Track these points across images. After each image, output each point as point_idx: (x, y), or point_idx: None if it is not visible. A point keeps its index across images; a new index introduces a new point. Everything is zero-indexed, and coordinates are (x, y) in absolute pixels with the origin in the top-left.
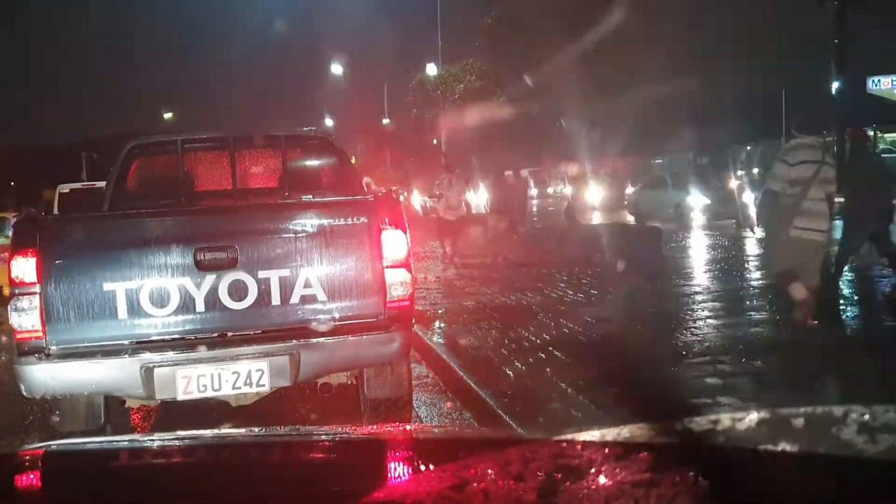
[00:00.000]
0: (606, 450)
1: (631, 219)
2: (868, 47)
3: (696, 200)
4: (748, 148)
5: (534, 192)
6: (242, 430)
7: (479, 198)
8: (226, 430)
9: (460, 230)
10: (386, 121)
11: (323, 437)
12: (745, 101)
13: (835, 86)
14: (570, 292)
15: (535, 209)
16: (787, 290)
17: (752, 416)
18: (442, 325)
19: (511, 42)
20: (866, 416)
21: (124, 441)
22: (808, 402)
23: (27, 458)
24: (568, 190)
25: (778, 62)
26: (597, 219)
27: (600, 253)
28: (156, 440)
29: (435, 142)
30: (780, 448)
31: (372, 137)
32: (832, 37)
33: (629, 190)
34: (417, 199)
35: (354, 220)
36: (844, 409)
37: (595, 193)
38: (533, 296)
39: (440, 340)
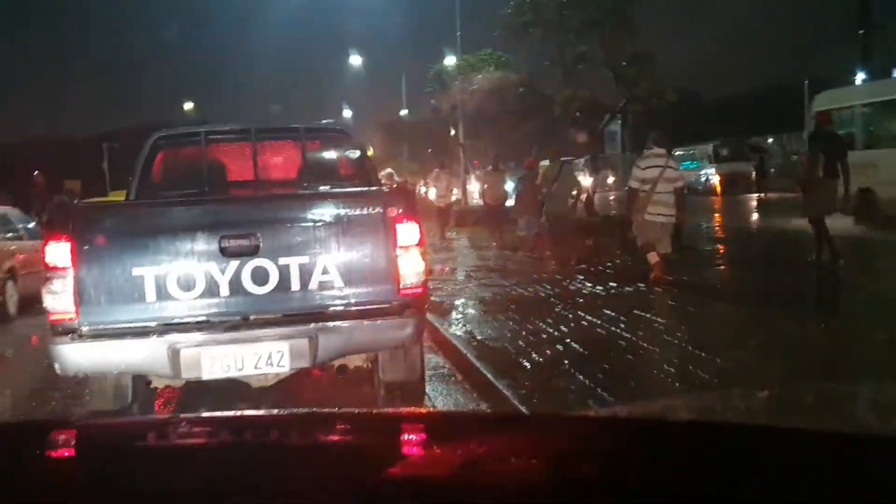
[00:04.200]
0: (616, 428)
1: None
2: (894, 39)
3: None
4: (770, 140)
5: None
6: (262, 412)
7: (495, 189)
8: (247, 412)
9: (449, 215)
10: (404, 112)
11: (338, 418)
12: (766, 91)
13: (859, 77)
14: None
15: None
16: (645, 258)
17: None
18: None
19: (531, 32)
20: None
21: (150, 420)
22: None
23: (58, 434)
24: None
25: (802, 53)
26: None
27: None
28: (181, 420)
29: (452, 132)
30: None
31: (389, 129)
32: (857, 28)
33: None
34: (433, 192)
35: (370, 210)
36: None
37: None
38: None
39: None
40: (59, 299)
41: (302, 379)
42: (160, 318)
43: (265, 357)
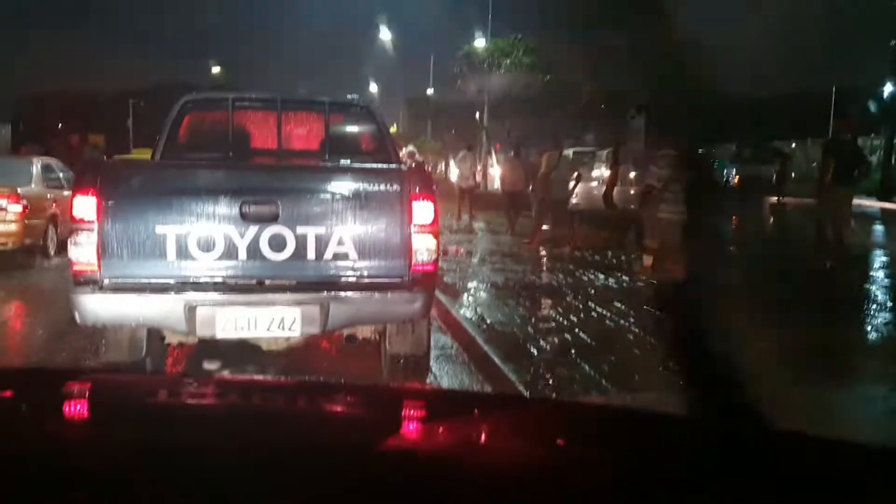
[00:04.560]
0: (612, 414)
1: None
2: None
3: None
4: (793, 145)
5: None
6: (268, 377)
7: (514, 175)
8: (254, 376)
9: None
10: (430, 91)
11: (343, 388)
12: (794, 96)
13: (888, 88)
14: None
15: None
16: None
17: None
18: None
19: (561, 20)
20: None
21: (158, 378)
22: None
23: (72, 386)
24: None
25: (831, 60)
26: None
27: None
28: (188, 379)
29: (477, 115)
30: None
31: (414, 106)
32: (890, 37)
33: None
34: (455, 173)
35: (388, 187)
36: None
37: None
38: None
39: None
40: (82, 251)
41: (311, 348)
42: (179, 276)
43: (277, 320)
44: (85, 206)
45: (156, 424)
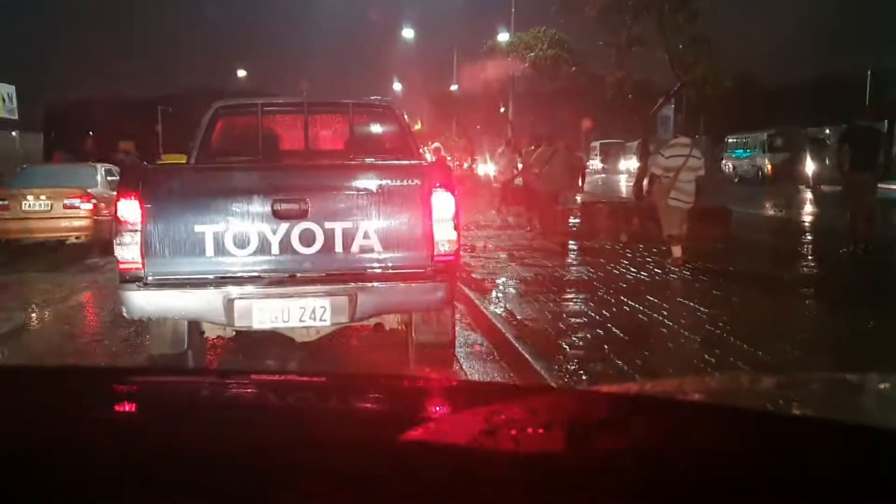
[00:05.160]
0: (637, 402)
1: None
2: None
3: None
4: (827, 131)
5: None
6: (301, 372)
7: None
8: (287, 370)
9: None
10: (454, 87)
11: (369, 380)
12: (827, 81)
13: None
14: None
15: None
16: (669, 246)
17: None
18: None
19: (585, 12)
20: None
21: (202, 374)
22: None
23: (119, 385)
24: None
25: (866, 43)
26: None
27: None
28: (232, 375)
29: (502, 109)
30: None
31: (439, 104)
32: None
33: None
34: (483, 167)
35: (410, 181)
36: None
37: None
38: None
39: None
40: (127, 250)
41: (340, 339)
42: (217, 272)
43: (309, 311)
44: (129, 208)
45: (188, 422)
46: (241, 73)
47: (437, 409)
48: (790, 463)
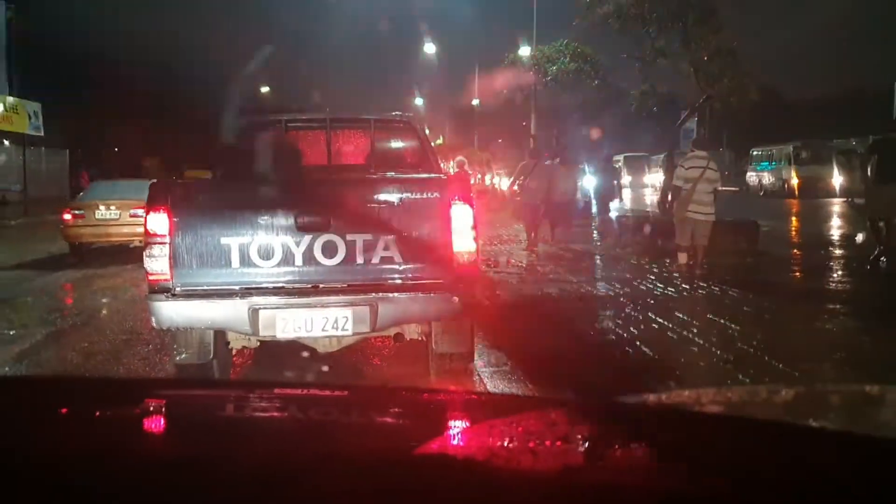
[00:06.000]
0: (655, 414)
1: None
2: None
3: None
4: (853, 143)
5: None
6: (322, 385)
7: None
8: (309, 382)
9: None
10: (476, 102)
11: (390, 393)
12: (852, 93)
13: None
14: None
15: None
16: (676, 254)
17: None
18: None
19: (609, 24)
20: None
21: (227, 386)
22: None
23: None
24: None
25: (891, 56)
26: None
27: None
28: (255, 388)
29: (524, 123)
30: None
31: (460, 118)
32: None
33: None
34: (506, 182)
35: (429, 194)
36: None
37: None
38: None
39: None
40: (156, 262)
41: (362, 350)
42: (243, 283)
43: (332, 321)
44: (158, 222)
45: (213, 434)
46: (265, 88)
47: (458, 421)
48: (815, 476)
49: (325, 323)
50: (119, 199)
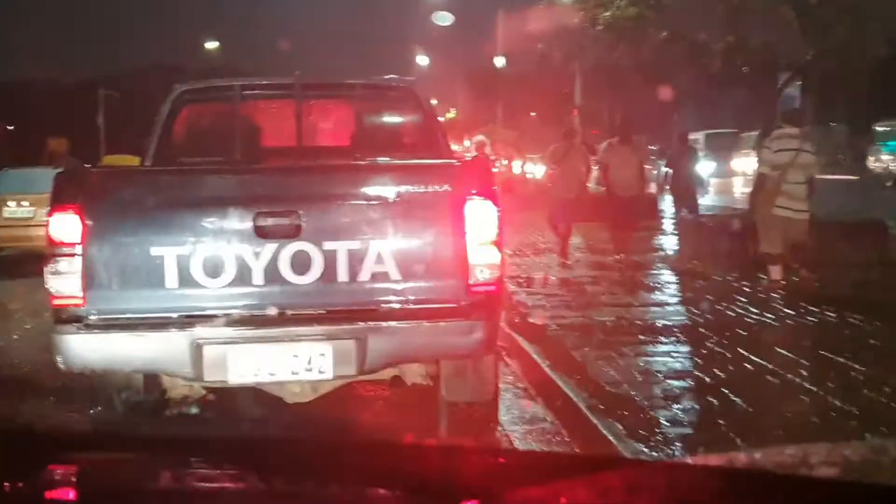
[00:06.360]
0: (719, 478)
1: None
2: None
3: None
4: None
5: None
6: (291, 442)
7: (624, 170)
8: (272, 442)
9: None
10: (500, 61)
11: (390, 450)
12: None
13: None
14: None
15: None
16: (766, 267)
17: None
18: None
19: None
20: None
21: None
22: None
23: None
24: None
25: None
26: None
27: None
28: (197, 451)
29: (565, 91)
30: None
31: (479, 84)
32: None
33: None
34: (540, 169)
35: (437, 187)
36: None
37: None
38: None
39: None
40: (63, 281)
41: (346, 400)
42: (181, 309)
43: (304, 360)
44: (65, 225)
45: None
46: (211, 45)
47: (478, 491)
48: None
49: (296, 363)
50: (35, 193)
